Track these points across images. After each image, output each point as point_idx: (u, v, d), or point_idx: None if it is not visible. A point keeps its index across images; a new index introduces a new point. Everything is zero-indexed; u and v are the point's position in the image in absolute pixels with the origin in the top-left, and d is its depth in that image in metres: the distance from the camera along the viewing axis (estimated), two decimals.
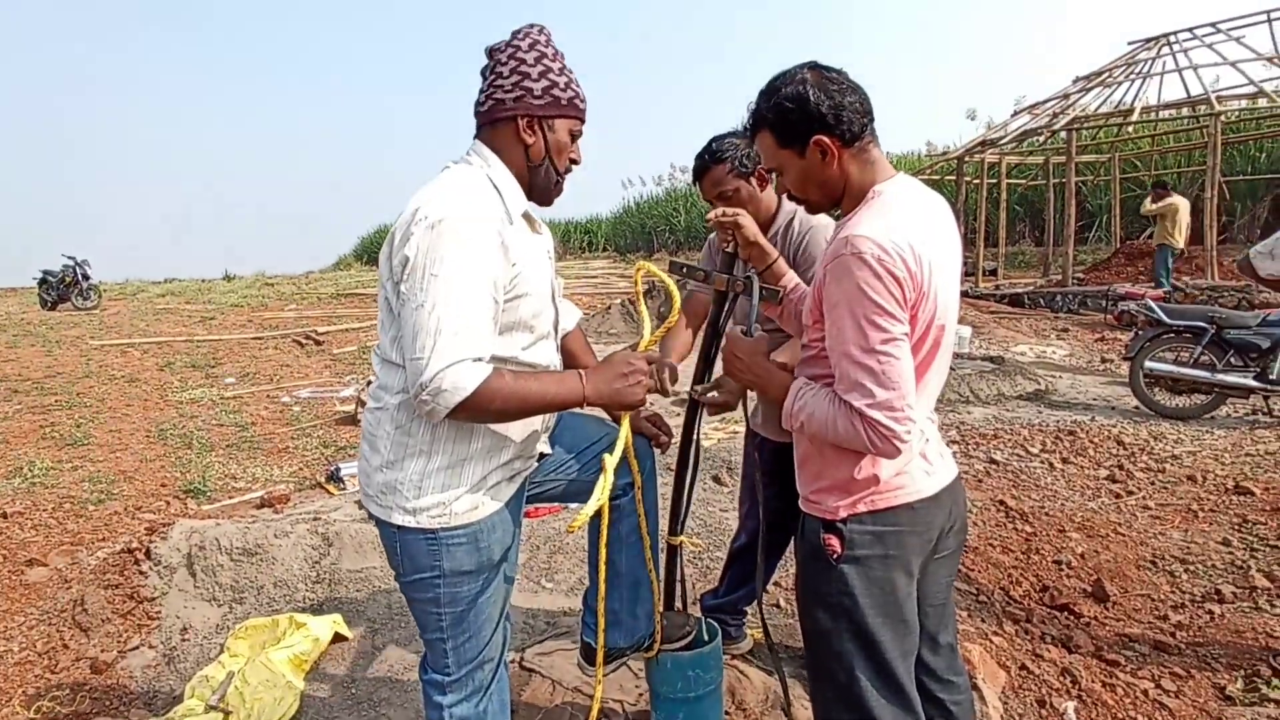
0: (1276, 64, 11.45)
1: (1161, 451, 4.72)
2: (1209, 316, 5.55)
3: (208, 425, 6.39)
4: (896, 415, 1.23)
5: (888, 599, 1.38)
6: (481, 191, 1.43)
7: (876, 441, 1.25)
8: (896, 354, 1.23)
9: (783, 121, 1.35)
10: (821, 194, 1.41)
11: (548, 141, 1.50)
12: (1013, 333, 9.73)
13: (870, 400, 1.23)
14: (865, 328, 1.23)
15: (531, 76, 1.45)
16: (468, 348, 1.30)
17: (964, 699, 1.59)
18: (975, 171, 14.52)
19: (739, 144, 2.03)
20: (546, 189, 1.55)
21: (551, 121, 1.49)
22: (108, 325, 12.64)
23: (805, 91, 1.32)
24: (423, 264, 1.31)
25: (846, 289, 1.24)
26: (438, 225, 1.32)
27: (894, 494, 1.37)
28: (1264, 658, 2.46)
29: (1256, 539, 3.40)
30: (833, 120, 1.32)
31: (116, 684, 2.60)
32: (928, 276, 1.27)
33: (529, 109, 1.46)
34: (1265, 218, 14.35)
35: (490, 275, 1.36)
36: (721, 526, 3.65)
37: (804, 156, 1.36)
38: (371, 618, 2.93)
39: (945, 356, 1.39)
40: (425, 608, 1.52)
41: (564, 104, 1.49)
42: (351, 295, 15.57)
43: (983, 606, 2.89)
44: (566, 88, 1.49)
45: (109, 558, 3.32)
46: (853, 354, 1.25)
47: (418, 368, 1.29)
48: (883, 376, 1.23)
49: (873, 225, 1.26)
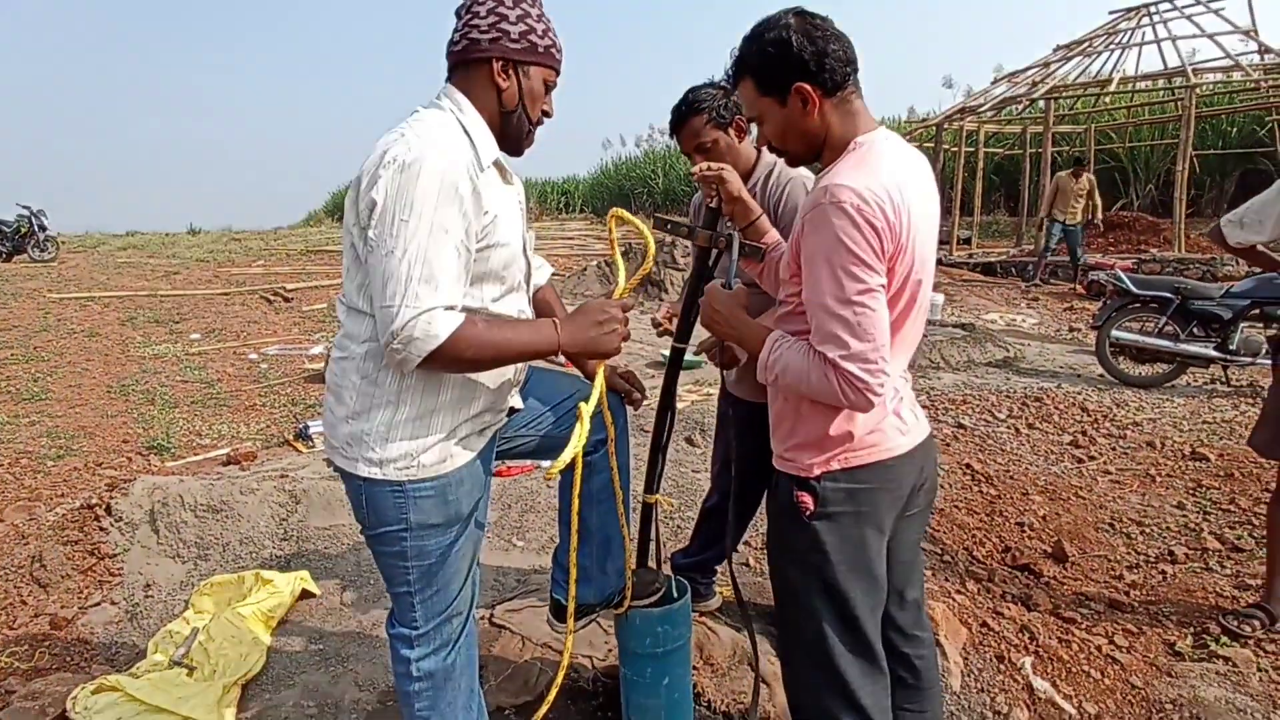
0: (1253, 37, 11.53)
1: (1123, 418, 4.83)
2: (1175, 287, 5.64)
3: (172, 381, 6.25)
4: (870, 367, 1.22)
5: (858, 555, 1.39)
6: (452, 136, 1.37)
7: (849, 394, 1.24)
8: (872, 305, 1.22)
9: (765, 68, 1.32)
10: (802, 144, 1.38)
11: (522, 88, 1.45)
12: (984, 301, 9.85)
13: (844, 352, 1.22)
14: (842, 278, 1.22)
15: (509, 19, 1.40)
16: (440, 295, 1.27)
17: (928, 653, 1.62)
18: (953, 139, 14.51)
19: (716, 94, 1.99)
20: (518, 138, 1.50)
21: (527, 68, 1.44)
22: (66, 278, 12.24)
23: (788, 37, 1.29)
24: (392, 209, 1.26)
25: (824, 239, 1.23)
26: (407, 168, 1.27)
27: (868, 451, 1.37)
28: (1213, 616, 2.55)
29: (1209, 503, 3.51)
30: (815, 68, 1.29)
31: (77, 640, 2.56)
32: (906, 229, 1.25)
33: (505, 52, 1.41)
34: (1232, 192, 14.56)
35: (461, 222, 1.32)
36: (694, 487, 3.67)
37: (785, 105, 1.33)
38: (339, 574, 2.91)
39: (921, 313, 1.38)
40: (392, 561, 1.49)
41: (540, 51, 1.44)
42: (322, 251, 15.23)
43: (947, 566, 2.95)
44: (544, 35, 1.45)
45: (68, 514, 3.25)
46: (828, 305, 1.23)
47: (388, 315, 1.25)
48: (857, 328, 1.22)
49: (853, 175, 1.24)
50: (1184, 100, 11.14)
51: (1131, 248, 12.17)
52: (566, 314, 1.49)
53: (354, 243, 1.37)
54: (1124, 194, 15.98)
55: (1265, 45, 11.45)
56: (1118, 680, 2.26)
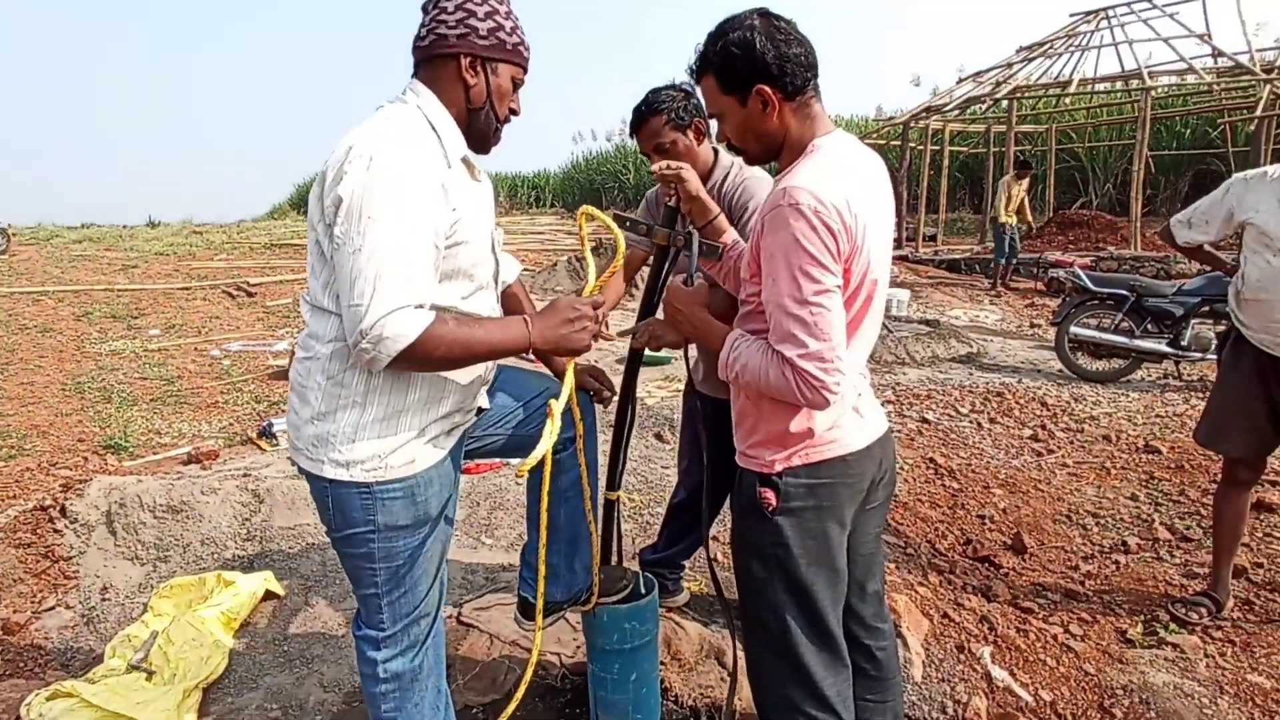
0: (1206, 41, 11.86)
1: (1081, 412, 4.96)
2: (1130, 285, 5.81)
3: (129, 379, 6.10)
4: (826, 366, 1.25)
5: (820, 549, 1.42)
6: (419, 132, 1.36)
7: (806, 392, 1.26)
8: (828, 305, 1.25)
9: (727, 67, 1.34)
10: (760, 145, 1.40)
11: (490, 84, 1.44)
12: (949, 297, 10.02)
13: (802, 351, 1.25)
14: (799, 278, 1.24)
15: (477, 15, 1.40)
16: (408, 294, 1.25)
17: (889, 644, 1.66)
18: (919, 138, 14.72)
19: (676, 96, 2.01)
20: (485, 135, 1.49)
21: (495, 64, 1.43)
22: (17, 271, 11.86)
23: (751, 38, 1.30)
24: (359, 206, 1.24)
25: (782, 240, 1.25)
26: (373, 164, 1.25)
27: (827, 447, 1.40)
28: (1162, 604, 2.64)
29: (1161, 494, 3.62)
30: (776, 71, 1.31)
31: (30, 645, 2.50)
32: (861, 231, 1.28)
33: (473, 48, 1.40)
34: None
35: (430, 219, 1.31)
36: (662, 483, 3.69)
37: (745, 105, 1.35)
38: (304, 574, 2.88)
39: (877, 312, 1.42)
40: (358, 563, 1.48)
41: (509, 48, 1.44)
42: (286, 245, 14.95)
43: (910, 559, 3.01)
44: (512, 32, 1.44)
45: (20, 515, 3.16)
46: (786, 305, 1.26)
47: (356, 314, 1.23)
48: (814, 328, 1.24)
49: (809, 178, 1.27)
50: (1140, 102, 11.43)
51: (1090, 245, 12.46)
52: (536, 311, 1.49)
53: (319, 240, 1.36)
54: (1083, 193, 16.38)
55: (1218, 49, 11.80)
56: (1072, 668, 2.33)
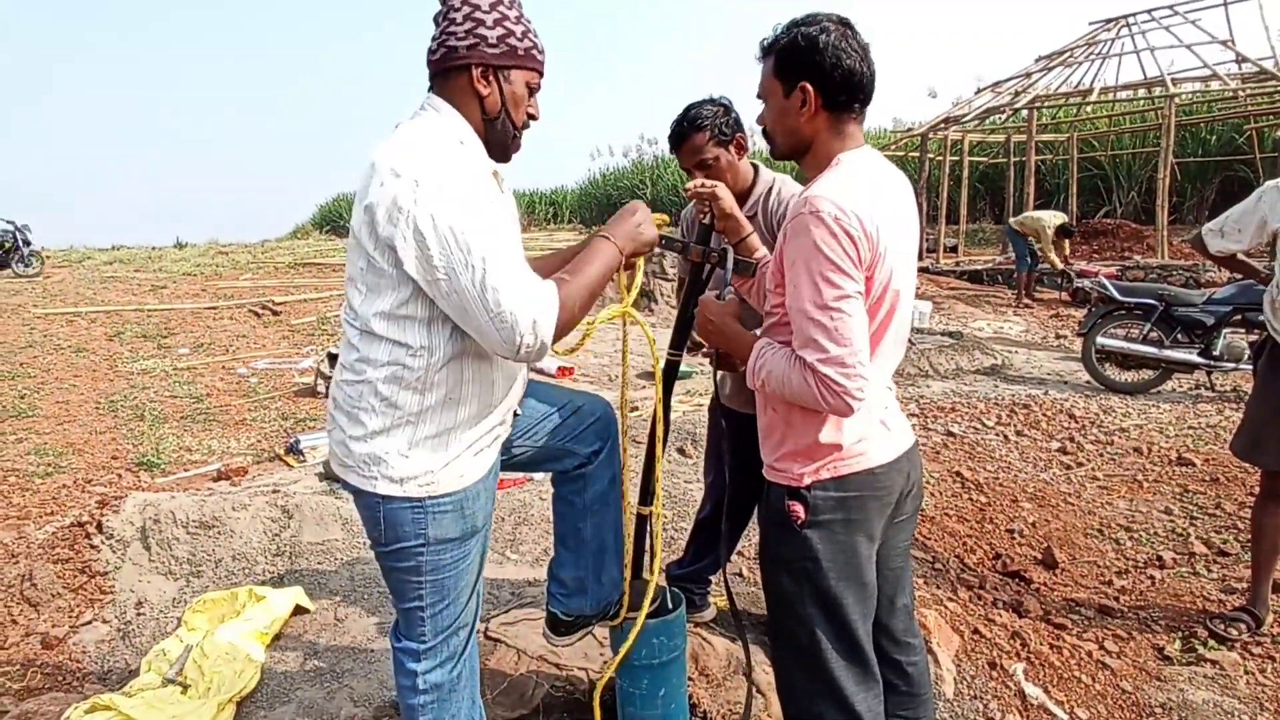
0: (1230, 47, 11.73)
1: (1110, 424, 4.89)
2: (1158, 294, 5.73)
3: (160, 397, 6.21)
4: (848, 371, 1.26)
5: (850, 563, 1.41)
6: (454, 147, 1.38)
7: (829, 397, 1.27)
8: (850, 310, 1.26)
9: (787, 53, 1.36)
10: (786, 139, 1.42)
11: (504, 93, 1.43)
12: (971, 308, 9.94)
13: (823, 356, 1.26)
14: (820, 284, 1.25)
15: (486, 24, 1.39)
16: (530, 288, 1.31)
17: (919, 659, 1.64)
18: (938, 149, 14.67)
19: (717, 111, 2.00)
20: (504, 144, 1.50)
21: (508, 72, 1.43)
22: (52, 293, 12.15)
23: (818, 38, 1.32)
24: (448, 233, 1.27)
25: (804, 246, 1.27)
26: (441, 188, 1.27)
27: (856, 460, 1.40)
28: (1200, 620, 2.59)
29: (1196, 508, 3.55)
30: (826, 77, 1.33)
31: (69, 659, 2.54)
32: (882, 241, 1.29)
33: (483, 58, 1.40)
34: (1213, 199, 14.79)
35: (502, 213, 1.37)
36: (686, 497, 3.69)
37: (788, 96, 1.38)
38: (333, 590, 2.90)
39: (901, 323, 1.42)
40: (404, 577, 1.49)
41: (521, 54, 1.43)
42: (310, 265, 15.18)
43: (939, 574, 2.98)
44: (524, 37, 1.43)
45: (58, 532, 3.22)
46: (807, 310, 1.27)
47: (505, 322, 1.28)
48: (835, 333, 1.25)
49: (831, 188, 1.29)
50: (1164, 109, 11.31)
51: (1116, 254, 12.32)
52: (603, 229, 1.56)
53: (378, 264, 1.34)
54: (1107, 201, 16.20)
55: (1242, 55, 11.67)
56: (1108, 685, 2.29)
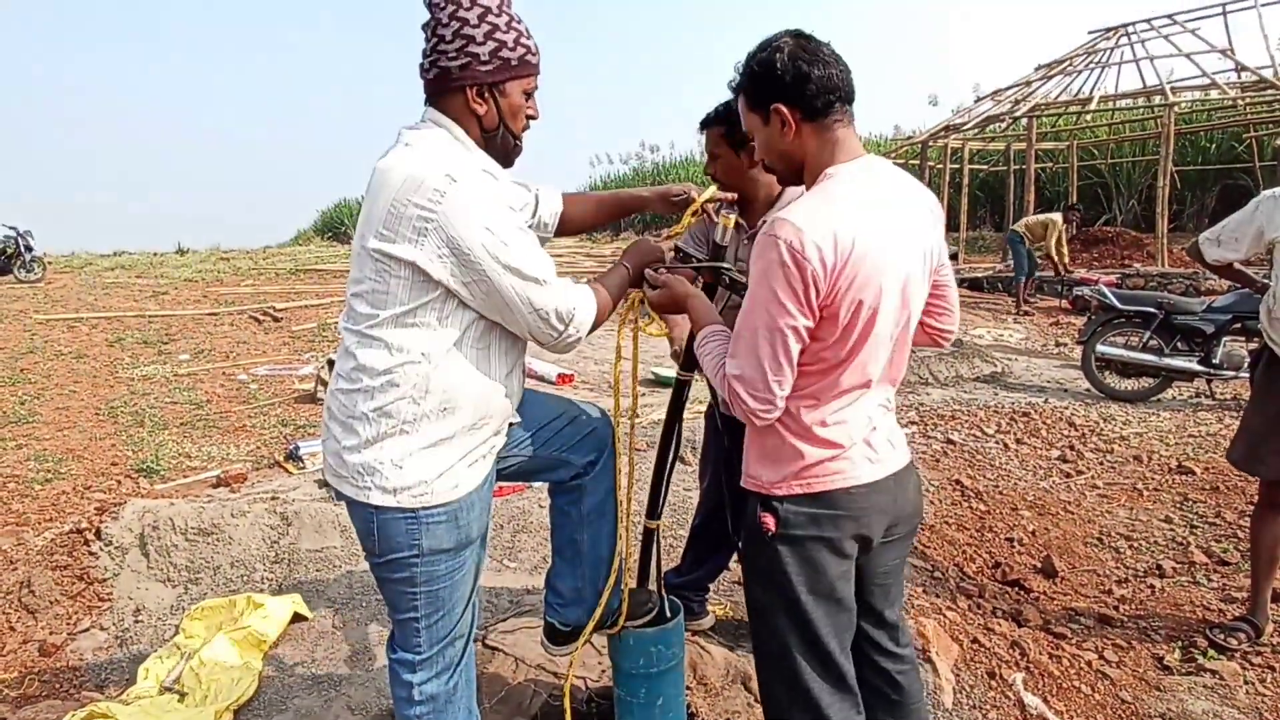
0: (1229, 56, 11.78)
1: (1110, 433, 4.88)
2: (1158, 302, 5.73)
3: (160, 403, 6.21)
4: (755, 394, 1.31)
5: (819, 578, 1.39)
6: (470, 159, 1.39)
7: (735, 407, 1.35)
8: (777, 341, 1.28)
9: (753, 84, 1.36)
10: (782, 164, 1.42)
11: (500, 107, 1.43)
12: (971, 316, 9.94)
13: (738, 373, 1.32)
14: (758, 309, 1.29)
15: (476, 40, 1.36)
16: (564, 285, 1.43)
17: (909, 669, 1.62)
18: (938, 157, 14.70)
19: None
20: (505, 153, 1.50)
21: (502, 86, 1.41)
22: (53, 299, 12.18)
23: (774, 58, 1.30)
24: (480, 243, 1.31)
25: (760, 268, 1.28)
26: (471, 197, 1.31)
27: (830, 478, 1.37)
28: (1200, 629, 2.58)
29: (1196, 516, 3.55)
30: (795, 91, 1.30)
31: (66, 666, 2.54)
32: (855, 264, 1.24)
33: (477, 78, 1.38)
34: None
35: (517, 218, 1.42)
36: (684, 505, 3.68)
37: (767, 124, 1.36)
38: (332, 598, 2.90)
39: (880, 342, 1.35)
40: (399, 588, 1.48)
41: (514, 65, 1.40)
42: (311, 271, 15.22)
43: (937, 582, 2.97)
44: (515, 45, 1.40)
45: (57, 538, 3.22)
46: (741, 327, 1.32)
47: (546, 322, 1.40)
48: (756, 355, 1.29)
49: (803, 211, 1.26)
50: (1163, 118, 11.34)
51: (1115, 262, 12.33)
52: None
53: (392, 273, 1.34)
54: (1107, 209, 16.22)
55: (1241, 64, 11.70)
56: (1108, 695, 2.28)
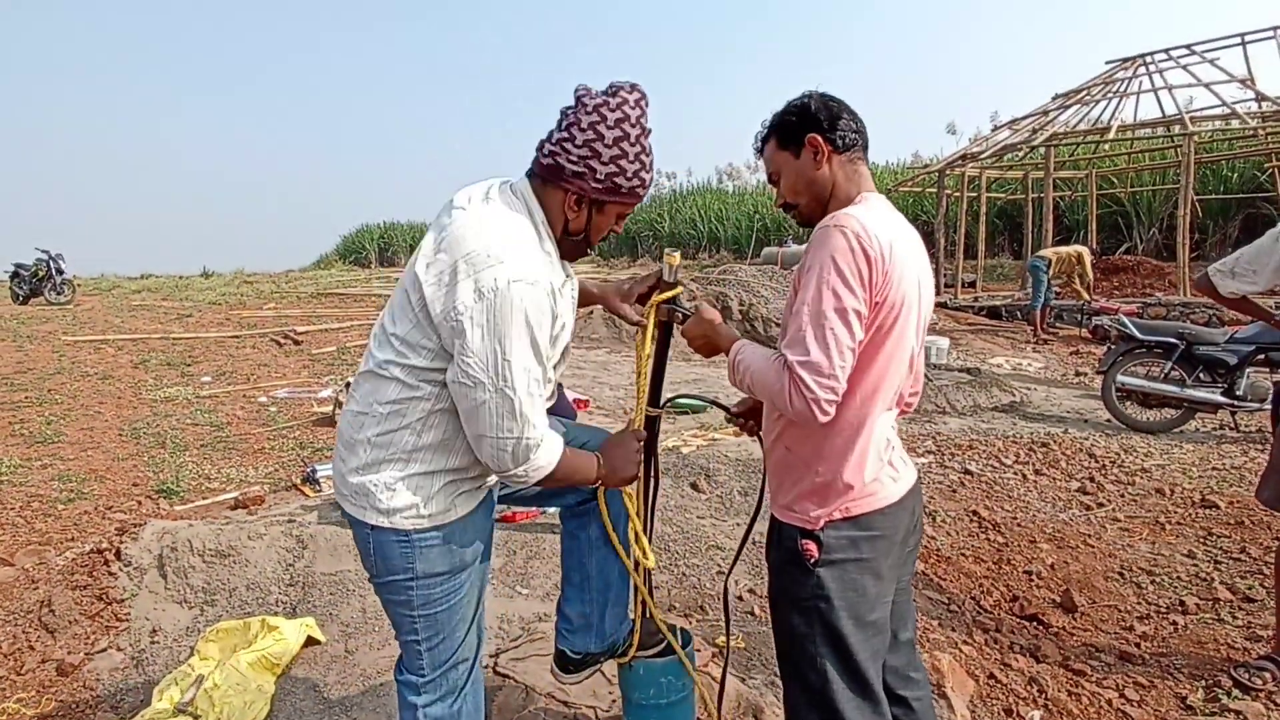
0: (1249, 86, 11.74)
1: (1131, 464, 4.81)
2: (1179, 333, 5.66)
3: (182, 424, 6.31)
4: (821, 380, 1.28)
5: (861, 601, 1.43)
6: (537, 253, 1.40)
7: (795, 400, 1.30)
8: (843, 324, 1.29)
9: (785, 125, 1.49)
10: (810, 194, 1.49)
11: (591, 220, 1.46)
12: (989, 344, 9.87)
13: (803, 358, 1.29)
14: (825, 291, 1.30)
15: (602, 158, 1.39)
16: (542, 423, 1.39)
17: (924, 694, 1.65)
18: (956, 184, 14.71)
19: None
20: (574, 252, 1.53)
21: (604, 205, 1.45)
22: (81, 321, 12.45)
23: (807, 102, 1.48)
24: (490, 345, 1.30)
25: (821, 255, 1.32)
26: (508, 289, 1.29)
27: (868, 500, 1.43)
28: (1224, 668, 2.52)
29: (1220, 552, 3.48)
30: (827, 125, 1.45)
31: (83, 686, 2.56)
32: (895, 268, 1.34)
33: (583, 189, 1.41)
34: (1236, 236, 14.66)
35: (544, 347, 1.38)
36: (698, 533, 3.67)
37: (799, 157, 1.47)
38: (345, 621, 2.91)
39: (903, 356, 1.43)
40: (399, 609, 1.53)
41: (623, 192, 1.44)
42: (332, 295, 15.44)
43: (953, 616, 2.93)
44: (634, 176, 1.43)
45: (78, 558, 3.27)
46: (803, 313, 1.32)
47: (502, 450, 1.37)
48: (822, 340, 1.29)
49: (858, 211, 1.37)
50: (1183, 147, 11.29)
51: (1136, 291, 12.22)
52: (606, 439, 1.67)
53: (426, 333, 1.37)
54: (1127, 238, 16.11)
55: (1262, 94, 11.66)
56: None
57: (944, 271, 14.23)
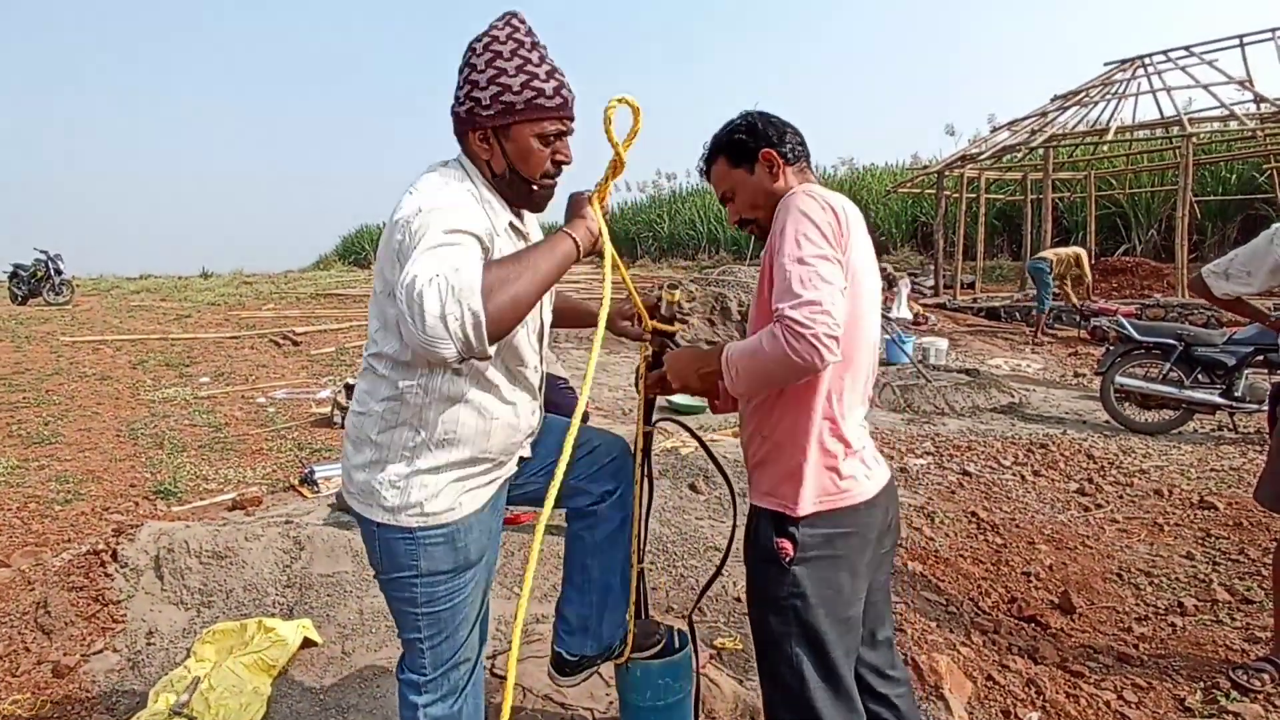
0: (1247, 87, 11.75)
1: (1130, 466, 4.81)
2: (1178, 334, 5.67)
3: (180, 425, 6.30)
4: (815, 313, 1.22)
5: (836, 599, 1.44)
6: (469, 199, 1.38)
7: (796, 345, 1.22)
8: (827, 267, 1.29)
9: (735, 145, 1.55)
10: (769, 207, 1.52)
11: (505, 150, 1.41)
12: (988, 345, 9.87)
13: (795, 300, 1.24)
14: (801, 241, 1.32)
15: (480, 84, 1.37)
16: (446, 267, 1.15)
17: (905, 691, 1.66)
18: (955, 186, 14.71)
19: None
20: (526, 197, 1.48)
21: (507, 130, 1.39)
22: (80, 321, 12.43)
23: (754, 120, 1.55)
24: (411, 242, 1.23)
25: (791, 216, 1.36)
26: (423, 211, 1.26)
27: (843, 496, 1.45)
28: (1223, 670, 2.51)
29: (1219, 553, 3.48)
30: (778, 140, 1.53)
31: (79, 688, 2.55)
32: (854, 232, 1.40)
33: (477, 121, 1.39)
34: (1235, 237, 14.67)
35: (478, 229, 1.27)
36: (696, 534, 3.66)
37: (753, 173, 1.53)
38: (342, 623, 2.90)
39: (871, 338, 1.48)
40: (402, 607, 1.53)
41: (520, 108, 1.37)
42: (331, 295, 15.44)
43: (951, 617, 2.92)
44: (523, 88, 1.36)
45: (74, 559, 3.26)
46: (785, 264, 1.30)
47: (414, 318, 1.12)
48: (808, 282, 1.26)
49: (811, 189, 1.44)
50: (1181, 148, 11.30)
51: (1135, 292, 12.23)
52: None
53: (389, 309, 1.37)
54: (1126, 239, 16.12)
55: (1260, 95, 11.66)
56: None
57: (943, 272, 14.23)
